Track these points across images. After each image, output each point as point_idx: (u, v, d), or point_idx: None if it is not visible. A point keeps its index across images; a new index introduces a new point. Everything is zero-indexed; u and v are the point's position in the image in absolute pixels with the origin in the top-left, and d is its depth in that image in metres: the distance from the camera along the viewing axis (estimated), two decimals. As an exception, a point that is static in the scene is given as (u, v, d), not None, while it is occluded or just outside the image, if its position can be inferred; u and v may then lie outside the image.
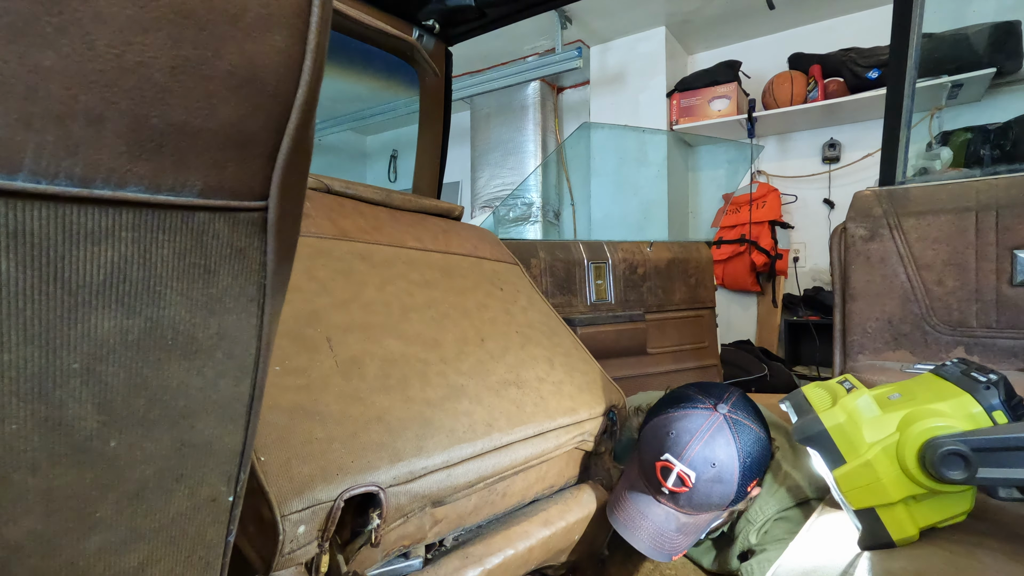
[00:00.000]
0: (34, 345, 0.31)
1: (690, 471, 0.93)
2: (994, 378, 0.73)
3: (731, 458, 0.94)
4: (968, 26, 2.57)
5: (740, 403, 1.00)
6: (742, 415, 0.98)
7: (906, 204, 1.25)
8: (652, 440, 0.99)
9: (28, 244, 0.29)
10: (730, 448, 0.94)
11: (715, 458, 0.94)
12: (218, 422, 0.41)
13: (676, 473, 0.94)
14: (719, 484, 0.94)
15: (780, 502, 1.05)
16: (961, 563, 0.71)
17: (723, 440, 0.94)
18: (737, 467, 0.94)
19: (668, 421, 0.98)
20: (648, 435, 1.01)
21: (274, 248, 0.38)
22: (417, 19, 1.48)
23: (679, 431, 0.96)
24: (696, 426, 0.96)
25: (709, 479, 0.94)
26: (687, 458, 0.94)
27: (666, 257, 2.17)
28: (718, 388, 1.03)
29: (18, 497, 0.33)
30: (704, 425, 0.96)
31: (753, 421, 0.99)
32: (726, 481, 0.94)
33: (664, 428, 0.98)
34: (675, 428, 0.97)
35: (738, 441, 0.95)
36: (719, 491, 0.94)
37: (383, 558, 0.75)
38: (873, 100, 2.93)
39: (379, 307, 0.92)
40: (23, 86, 0.26)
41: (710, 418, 0.96)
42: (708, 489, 0.94)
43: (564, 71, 3.42)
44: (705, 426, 0.95)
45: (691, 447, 0.94)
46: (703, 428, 0.95)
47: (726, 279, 3.47)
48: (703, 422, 0.96)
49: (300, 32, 0.33)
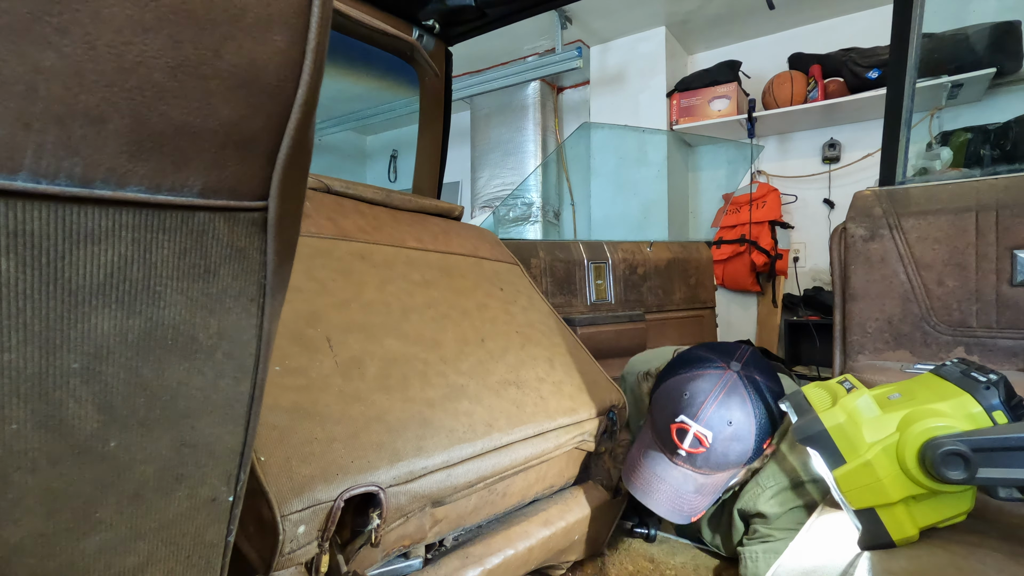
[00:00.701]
0: (34, 345, 0.31)
1: (707, 431, 0.93)
2: (994, 378, 0.73)
3: (747, 416, 0.93)
4: (968, 26, 2.56)
5: (752, 360, 1.00)
6: (755, 372, 0.98)
7: (906, 204, 1.25)
8: (666, 402, 0.98)
9: (28, 244, 0.29)
10: (746, 406, 0.94)
11: (731, 417, 0.93)
12: (218, 422, 0.41)
13: (692, 434, 0.93)
14: (736, 443, 0.94)
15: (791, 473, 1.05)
16: (961, 563, 0.71)
17: (738, 398, 0.94)
18: (754, 424, 0.94)
19: (681, 382, 0.98)
20: (661, 398, 1.00)
21: (274, 248, 0.38)
22: (417, 19, 1.48)
23: (693, 392, 0.95)
24: (710, 386, 0.95)
25: (726, 438, 0.93)
26: (703, 418, 0.93)
27: (666, 257, 2.17)
28: (730, 347, 1.03)
29: (18, 497, 0.33)
30: (718, 384, 0.95)
31: (767, 377, 0.99)
32: (743, 439, 0.94)
33: (678, 390, 0.97)
34: (689, 389, 0.96)
35: (753, 398, 0.95)
36: (737, 449, 0.94)
37: (383, 558, 0.75)
38: (873, 100, 2.93)
39: (379, 307, 0.92)
40: (23, 86, 0.26)
41: (723, 377, 0.96)
42: (725, 448, 0.94)
43: (564, 71, 3.42)
44: (719, 385, 0.95)
45: (706, 407, 0.93)
46: (717, 387, 0.95)
47: (726, 279, 3.47)
48: (717, 381, 0.95)
49: (300, 32, 0.33)
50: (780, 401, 0.94)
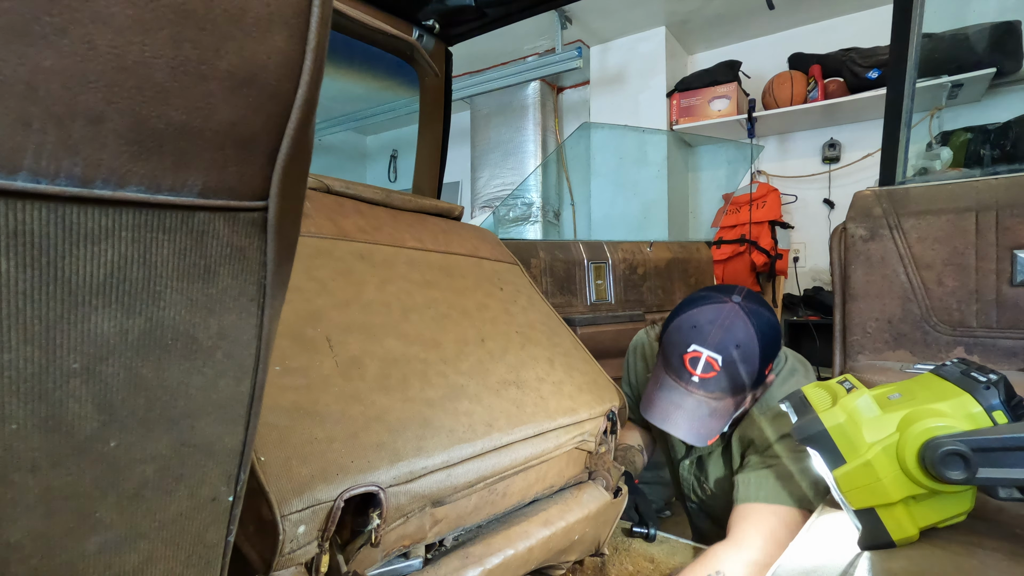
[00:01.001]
0: (34, 345, 0.31)
1: (717, 355, 1.04)
2: (994, 378, 0.73)
3: (751, 338, 1.04)
4: (968, 26, 2.56)
5: (750, 295, 1.11)
6: (753, 303, 1.09)
7: (906, 204, 1.25)
8: (677, 336, 1.09)
9: (28, 244, 0.29)
10: (749, 330, 1.05)
11: (737, 340, 1.04)
12: (218, 422, 0.41)
13: (704, 359, 1.04)
14: (744, 364, 1.04)
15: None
16: (961, 563, 0.71)
17: (741, 324, 1.05)
18: (757, 346, 1.04)
19: (689, 317, 1.09)
20: (672, 333, 1.11)
21: (274, 248, 0.38)
22: (417, 19, 1.48)
23: (701, 322, 1.07)
24: (715, 316, 1.07)
25: (734, 360, 1.04)
26: (712, 344, 1.04)
27: (666, 257, 2.17)
28: (727, 286, 1.14)
29: (18, 497, 0.33)
30: (722, 314, 1.07)
31: (764, 308, 1.10)
32: (750, 361, 1.04)
33: (687, 323, 1.09)
34: (697, 321, 1.08)
35: (754, 323, 1.06)
36: (744, 370, 1.04)
37: (383, 558, 0.75)
38: (873, 100, 2.93)
39: (379, 307, 0.92)
40: (23, 86, 0.26)
41: (726, 307, 1.08)
42: (734, 371, 1.04)
43: (564, 71, 3.42)
44: (724, 314, 1.07)
45: (714, 334, 1.05)
46: (722, 317, 1.07)
47: (726, 279, 3.47)
48: (721, 312, 1.07)
49: (300, 32, 0.33)
50: (780, 401, 0.94)
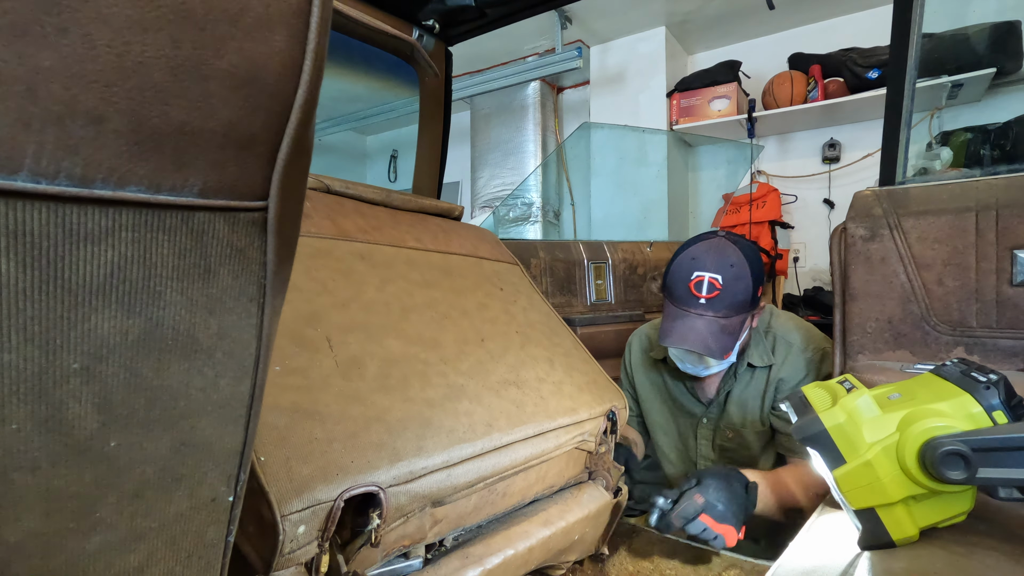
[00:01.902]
0: (34, 345, 0.31)
1: (716, 274, 1.24)
2: (994, 378, 0.73)
3: (741, 259, 1.26)
4: (968, 26, 2.56)
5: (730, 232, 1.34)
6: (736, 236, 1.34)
7: (906, 204, 1.25)
8: (680, 270, 1.30)
9: (28, 244, 0.29)
10: (737, 252, 1.27)
11: (731, 260, 1.25)
12: (218, 422, 0.41)
13: (707, 280, 1.25)
14: (740, 281, 1.24)
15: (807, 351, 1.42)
16: (961, 563, 0.71)
17: (730, 249, 1.28)
18: (748, 265, 1.26)
19: (686, 255, 1.31)
20: (675, 270, 1.31)
21: (274, 248, 0.38)
22: (417, 19, 1.48)
23: (696, 254, 1.29)
24: (707, 247, 1.29)
25: (732, 277, 1.24)
26: (711, 266, 1.25)
27: (666, 257, 2.17)
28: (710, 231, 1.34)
29: (18, 497, 0.33)
30: (712, 244, 1.30)
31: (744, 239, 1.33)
32: (744, 278, 1.25)
33: (686, 257, 1.30)
34: (693, 254, 1.29)
35: (740, 247, 1.29)
36: (742, 287, 1.24)
37: (383, 558, 0.75)
38: (873, 100, 2.93)
39: (379, 307, 0.92)
40: (23, 86, 0.26)
41: (714, 240, 1.31)
42: (734, 287, 1.24)
43: (564, 71, 3.42)
44: (713, 244, 1.30)
45: (710, 260, 1.26)
46: (713, 246, 1.29)
47: (726, 279, 3.46)
48: (711, 243, 1.30)
49: (300, 32, 0.33)
50: (780, 401, 0.94)
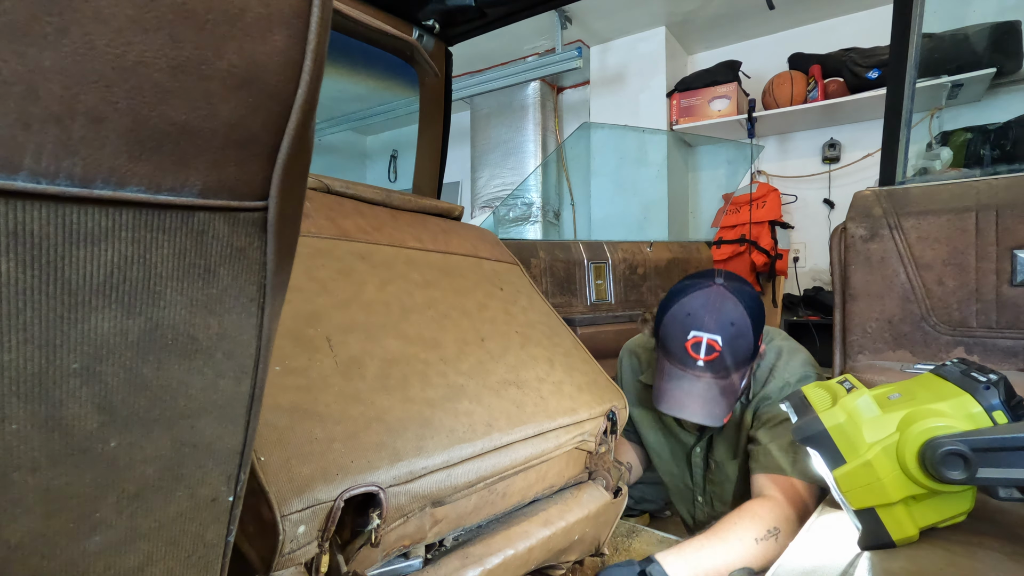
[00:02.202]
0: (34, 345, 0.31)
1: (716, 335, 1.11)
2: (994, 378, 0.73)
3: (742, 315, 1.13)
4: (968, 26, 2.56)
5: (728, 275, 1.19)
6: (734, 283, 1.18)
7: (906, 204, 1.25)
8: (675, 326, 1.16)
9: (28, 244, 0.29)
10: (738, 307, 1.13)
11: (731, 318, 1.12)
12: (218, 422, 0.41)
13: (706, 342, 1.11)
14: (741, 339, 1.12)
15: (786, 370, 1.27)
16: (961, 563, 0.71)
17: (730, 304, 1.13)
18: (749, 320, 1.13)
19: (681, 307, 1.16)
20: (669, 325, 1.17)
21: (274, 248, 0.38)
22: (417, 19, 1.48)
23: (693, 309, 1.14)
24: (705, 301, 1.14)
25: (732, 336, 1.11)
26: (710, 326, 1.12)
27: (666, 257, 2.17)
28: (705, 271, 1.22)
29: (18, 497, 0.33)
30: (711, 298, 1.15)
31: (744, 284, 1.19)
32: (745, 334, 1.12)
33: (681, 312, 1.16)
34: (689, 309, 1.15)
35: (741, 300, 1.14)
36: (743, 345, 1.12)
37: (383, 558, 0.75)
38: (873, 100, 2.93)
39: (379, 307, 0.92)
40: (23, 86, 0.26)
41: (712, 291, 1.15)
42: (734, 346, 1.11)
43: (564, 71, 3.42)
44: (712, 298, 1.14)
45: (709, 318, 1.12)
46: (711, 301, 1.14)
47: (726, 279, 3.47)
48: (708, 296, 1.15)
49: (300, 32, 0.33)
50: (780, 401, 0.94)
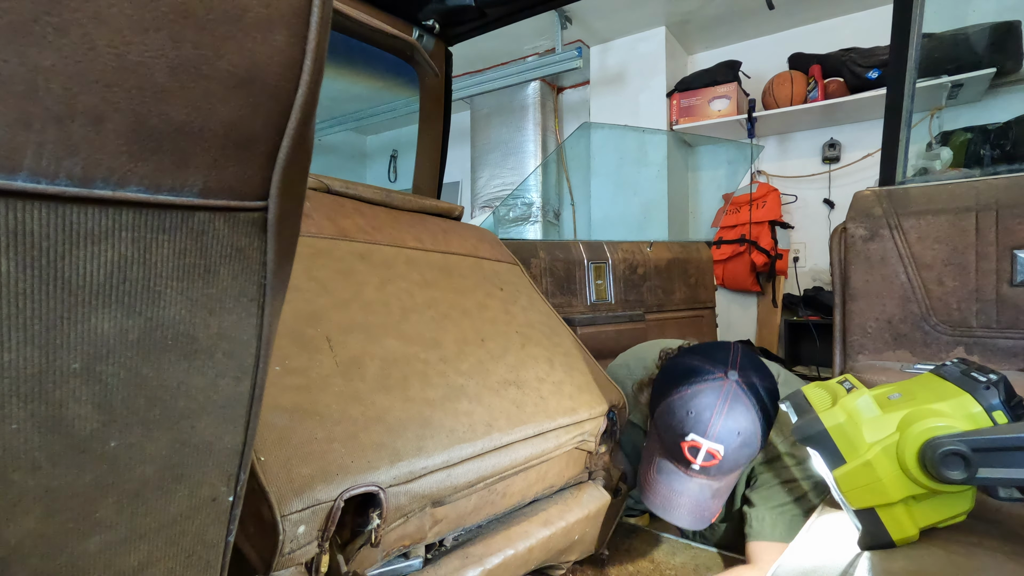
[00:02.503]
0: (34, 345, 0.31)
1: (718, 445, 0.94)
2: (994, 378, 0.73)
3: (752, 422, 0.95)
4: (968, 26, 2.56)
5: (746, 362, 1.01)
6: (752, 375, 0.99)
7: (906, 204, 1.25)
8: (671, 421, 0.98)
9: (28, 244, 0.29)
10: (750, 413, 0.95)
11: (739, 427, 0.94)
12: (218, 422, 0.41)
13: (705, 450, 0.95)
14: (746, 448, 0.96)
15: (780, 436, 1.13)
16: (961, 563, 0.71)
17: (741, 408, 0.95)
18: (759, 428, 0.96)
19: (683, 400, 0.98)
20: (666, 417, 1.00)
21: (274, 248, 0.38)
22: (417, 19, 1.48)
23: (698, 409, 0.95)
24: (713, 400, 0.95)
25: (737, 447, 0.95)
26: (712, 434, 0.94)
27: (666, 257, 2.17)
28: (720, 351, 1.03)
29: (18, 497, 0.33)
30: (720, 397, 0.95)
31: (762, 377, 1.00)
32: (752, 444, 0.96)
33: (682, 408, 0.97)
34: (692, 406, 0.96)
35: (755, 404, 0.96)
36: (747, 454, 0.97)
37: (383, 558, 0.75)
38: (873, 100, 2.93)
39: (379, 307, 0.92)
40: (23, 86, 0.26)
41: (723, 388, 0.96)
42: (737, 455, 0.96)
43: (564, 71, 3.41)
44: (722, 398, 0.95)
45: (714, 422, 0.94)
46: (720, 400, 0.95)
47: (726, 279, 3.47)
48: (719, 394, 0.95)
49: (300, 32, 0.33)
50: (780, 401, 0.94)
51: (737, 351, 1.03)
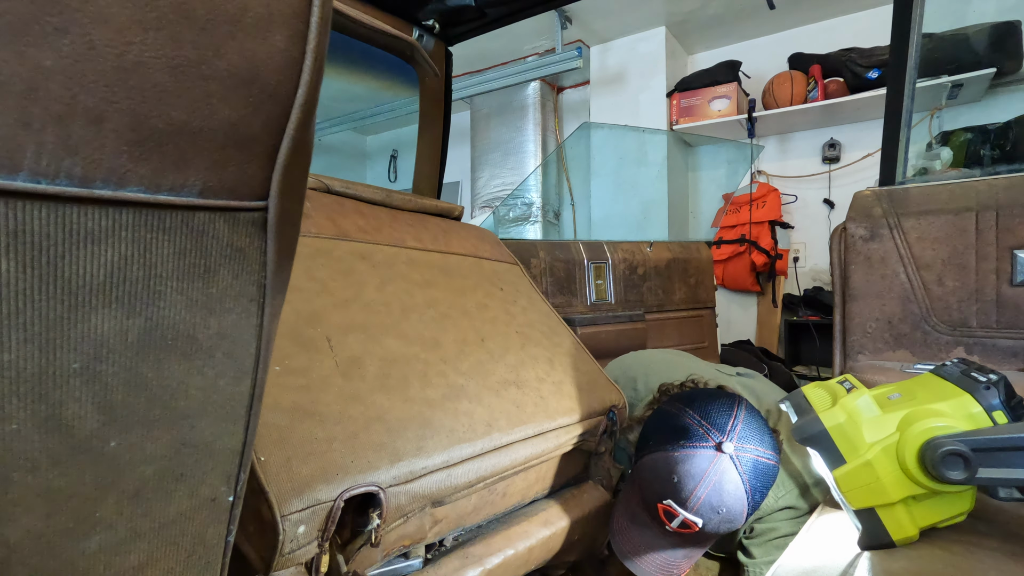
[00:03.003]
0: (34, 345, 0.31)
1: (696, 519, 0.87)
2: (994, 378, 0.73)
3: (739, 501, 0.88)
4: (968, 26, 2.56)
5: (746, 431, 0.91)
6: (749, 446, 0.90)
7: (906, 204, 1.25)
8: (653, 480, 0.92)
9: (28, 244, 0.29)
10: (738, 491, 0.87)
11: (723, 504, 0.87)
12: (218, 422, 0.41)
13: (681, 519, 0.88)
14: (727, 524, 0.89)
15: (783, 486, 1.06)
16: (961, 563, 0.71)
17: (731, 485, 0.87)
18: (746, 506, 0.88)
19: (669, 462, 0.90)
20: (648, 472, 0.93)
21: (274, 248, 0.38)
22: (417, 19, 1.48)
23: (682, 475, 0.88)
24: (700, 470, 0.87)
25: (716, 522, 0.88)
26: (692, 506, 0.87)
27: (666, 257, 2.17)
28: (722, 414, 0.93)
29: (18, 497, 0.33)
30: (709, 470, 0.87)
31: (761, 446, 0.91)
32: (734, 521, 0.89)
33: (666, 469, 0.90)
34: (677, 472, 0.88)
35: (747, 480, 0.88)
36: (727, 528, 0.90)
37: (383, 558, 0.75)
38: (873, 100, 2.93)
39: (379, 307, 0.92)
40: (23, 86, 0.26)
41: (715, 461, 0.88)
42: (716, 528, 0.89)
43: (564, 71, 3.42)
44: (711, 471, 0.87)
45: (696, 494, 0.87)
46: (708, 473, 0.87)
47: (726, 279, 3.47)
48: (707, 465, 0.87)
49: (300, 32, 0.33)
50: (780, 401, 0.94)
51: (739, 416, 0.93)
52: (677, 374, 1.23)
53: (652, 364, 1.35)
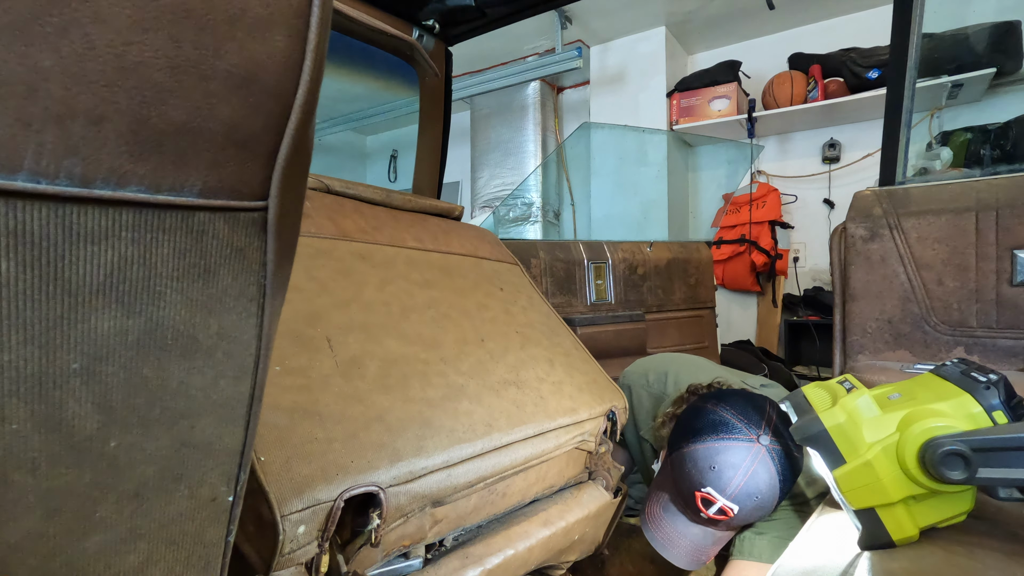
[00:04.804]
0: (34, 345, 0.31)
1: (733, 505, 0.94)
2: (994, 378, 0.73)
3: (773, 488, 0.95)
4: (968, 26, 2.56)
5: (781, 425, 0.98)
6: (784, 440, 0.97)
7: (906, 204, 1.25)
8: (692, 470, 0.98)
9: (28, 244, 0.29)
10: (772, 480, 0.95)
11: (758, 492, 0.94)
12: (218, 422, 0.41)
13: (719, 506, 0.95)
14: (759, 510, 0.97)
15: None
16: (961, 563, 0.71)
17: (766, 474, 0.94)
18: (778, 493, 0.96)
19: (710, 453, 0.97)
20: (687, 463, 0.99)
21: (274, 248, 0.38)
22: (417, 19, 1.48)
23: (721, 465, 0.95)
24: (739, 460, 0.94)
25: (752, 508, 0.95)
26: (730, 494, 0.94)
27: (666, 257, 2.17)
28: (756, 409, 1.00)
29: (18, 497, 0.33)
30: (747, 459, 0.94)
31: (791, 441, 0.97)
32: (766, 508, 0.97)
33: (706, 460, 0.97)
34: (717, 462, 0.96)
35: (780, 471, 0.95)
36: (759, 515, 0.98)
37: (383, 558, 0.75)
38: (873, 100, 2.93)
39: (379, 307, 0.92)
40: (23, 86, 0.26)
41: (752, 451, 0.95)
42: (748, 515, 0.97)
43: (564, 71, 3.42)
44: (748, 460, 0.94)
45: (734, 482, 0.94)
46: (746, 463, 0.94)
47: (726, 279, 3.47)
48: (746, 456, 0.95)
49: (300, 32, 0.33)
50: (780, 401, 0.94)
51: (773, 411, 1.00)
52: (703, 376, 1.26)
53: (683, 364, 1.40)
